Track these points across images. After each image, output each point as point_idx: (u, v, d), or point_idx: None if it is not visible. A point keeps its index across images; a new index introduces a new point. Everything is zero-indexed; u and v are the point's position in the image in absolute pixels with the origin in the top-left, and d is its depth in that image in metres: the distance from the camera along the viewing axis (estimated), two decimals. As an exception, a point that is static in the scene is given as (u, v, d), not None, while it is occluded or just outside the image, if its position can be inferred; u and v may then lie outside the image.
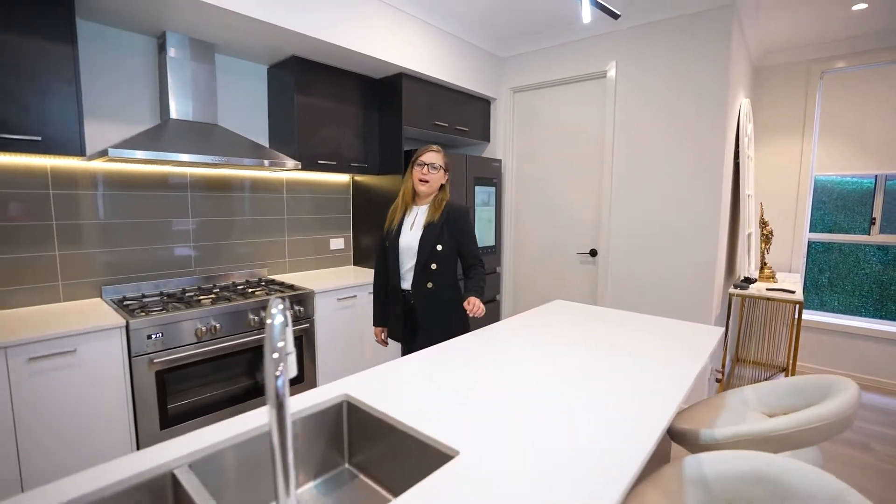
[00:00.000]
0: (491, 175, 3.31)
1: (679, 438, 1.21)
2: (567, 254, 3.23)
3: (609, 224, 2.96)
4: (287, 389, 0.49)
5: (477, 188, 3.17)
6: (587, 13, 1.29)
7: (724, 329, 1.69)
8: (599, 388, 1.14)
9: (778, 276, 3.31)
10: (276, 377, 0.48)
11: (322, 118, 2.64)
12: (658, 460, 1.50)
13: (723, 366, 2.94)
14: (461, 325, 1.85)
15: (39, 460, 1.60)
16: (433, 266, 1.81)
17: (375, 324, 2.03)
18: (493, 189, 3.34)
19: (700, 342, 1.50)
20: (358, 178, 3.13)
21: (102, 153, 1.80)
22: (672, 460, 1.08)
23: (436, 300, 1.83)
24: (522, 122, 3.40)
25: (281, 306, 0.53)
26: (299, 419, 1.03)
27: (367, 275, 2.79)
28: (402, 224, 1.87)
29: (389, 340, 2.04)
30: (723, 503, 0.92)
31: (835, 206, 3.52)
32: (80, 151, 1.81)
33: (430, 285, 1.81)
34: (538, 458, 0.82)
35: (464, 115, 3.25)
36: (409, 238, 1.83)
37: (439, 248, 1.80)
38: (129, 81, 2.20)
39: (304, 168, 2.53)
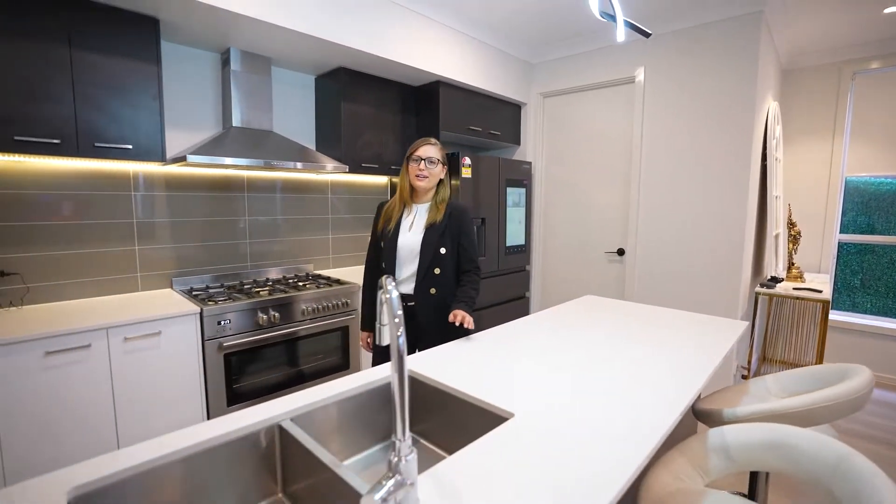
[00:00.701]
0: (521, 177, 3.45)
1: (704, 417, 1.34)
2: (595, 252, 3.35)
3: (637, 224, 3.07)
4: (405, 347, 0.66)
5: (508, 189, 3.32)
6: (621, 33, 1.43)
7: (748, 324, 1.79)
8: (631, 369, 1.28)
9: (807, 276, 3.35)
10: (398, 337, 0.65)
11: (365, 124, 2.84)
12: (685, 437, 1.63)
13: (749, 363, 3.01)
14: (464, 332, 1.69)
15: (131, 425, 1.84)
16: (436, 270, 1.69)
17: (363, 328, 1.90)
18: (523, 190, 3.48)
19: (724, 333, 1.61)
20: (395, 179, 3.32)
21: (181, 159, 2.03)
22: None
23: (440, 307, 1.70)
24: (552, 125, 3.53)
25: (393, 283, 0.70)
26: (367, 391, 1.21)
27: (404, 271, 2.98)
28: (401, 224, 1.73)
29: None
30: (741, 467, 1.06)
31: (868, 207, 3.52)
32: (161, 157, 2.05)
33: (433, 291, 1.70)
34: (580, 422, 0.98)
35: (496, 120, 3.40)
36: (410, 240, 1.70)
37: (443, 251, 1.69)
38: (195, 93, 2.43)
39: (350, 171, 2.73)
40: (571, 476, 0.78)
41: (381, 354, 1.77)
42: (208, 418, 2.07)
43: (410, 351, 1.74)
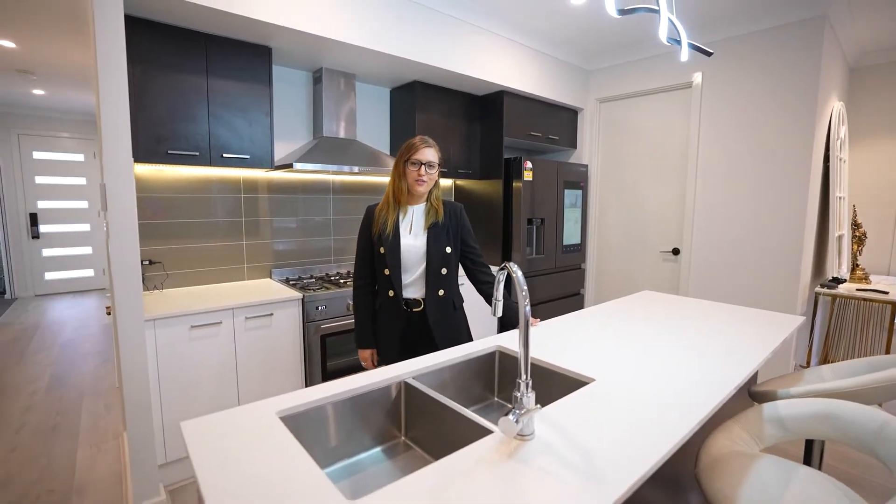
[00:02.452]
0: (578, 179, 3.62)
1: (759, 398, 1.49)
2: (649, 252, 3.46)
3: (692, 224, 3.16)
4: (530, 315, 0.89)
5: (566, 191, 3.50)
6: (685, 54, 1.59)
7: (804, 318, 1.89)
8: (691, 351, 1.45)
9: (873, 278, 3.30)
10: (525, 306, 0.89)
11: (435, 132, 3.11)
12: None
13: (808, 364, 3.04)
14: (468, 334, 1.77)
15: (248, 388, 2.19)
16: (443, 271, 1.68)
17: (364, 346, 1.74)
18: (579, 192, 3.64)
19: (780, 326, 1.74)
20: (459, 182, 3.57)
21: (287, 166, 2.37)
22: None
23: (449, 308, 1.71)
24: (608, 129, 3.66)
25: (517, 266, 0.94)
26: (464, 361, 1.45)
27: (468, 266, 3.25)
28: (399, 227, 1.65)
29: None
30: (793, 435, 1.22)
31: (941, 208, 3.41)
32: (270, 165, 2.40)
33: (441, 292, 1.68)
34: (651, 389, 1.17)
35: (554, 125, 3.58)
36: (413, 242, 1.65)
37: (448, 250, 1.67)
38: (291, 107, 2.78)
39: (421, 175, 3.01)
40: (649, 425, 0.99)
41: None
42: (306, 390, 2.39)
43: (422, 353, 1.54)
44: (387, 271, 1.66)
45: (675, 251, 3.30)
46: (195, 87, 2.12)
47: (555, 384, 1.33)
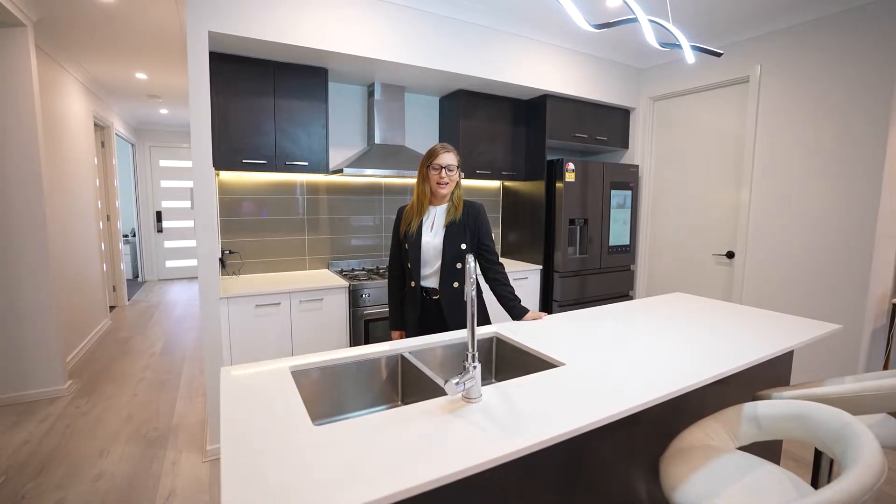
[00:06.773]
0: (627, 180, 3.57)
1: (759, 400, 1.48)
2: (702, 255, 3.32)
3: (748, 226, 2.99)
4: (476, 299, 1.07)
5: (613, 192, 3.48)
6: (690, 56, 1.60)
7: (838, 326, 1.78)
8: (681, 347, 1.49)
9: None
10: (472, 291, 1.06)
11: (480, 136, 3.29)
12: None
13: (885, 382, 2.73)
14: (485, 322, 1.92)
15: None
16: (458, 265, 1.84)
17: (394, 328, 2.00)
18: (628, 193, 3.59)
19: (803, 332, 1.67)
20: (507, 183, 3.71)
21: (339, 171, 2.71)
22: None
23: (462, 298, 1.85)
24: (661, 128, 3.56)
25: (472, 257, 1.11)
26: (463, 343, 1.63)
27: (514, 264, 3.38)
28: (422, 227, 1.86)
29: None
30: (768, 435, 1.24)
31: None
32: (326, 170, 2.76)
33: (455, 284, 1.85)
34: (618, 376, 1.26)
35: (603, 125, 3.57)
36: (432, 240, 1.84)
37: (463, 246, 1.83)
38: (347, 118, 3.13)
39: (467, 177, 3.21)
40: (594, 403, 1.10)
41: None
42: (351, 368, 2.72)
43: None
44: (409, 265, 1.89)
45: (730, 254, 3.13)
46: (264, 106, 2.54)
47: (528, 366, 1.46)
